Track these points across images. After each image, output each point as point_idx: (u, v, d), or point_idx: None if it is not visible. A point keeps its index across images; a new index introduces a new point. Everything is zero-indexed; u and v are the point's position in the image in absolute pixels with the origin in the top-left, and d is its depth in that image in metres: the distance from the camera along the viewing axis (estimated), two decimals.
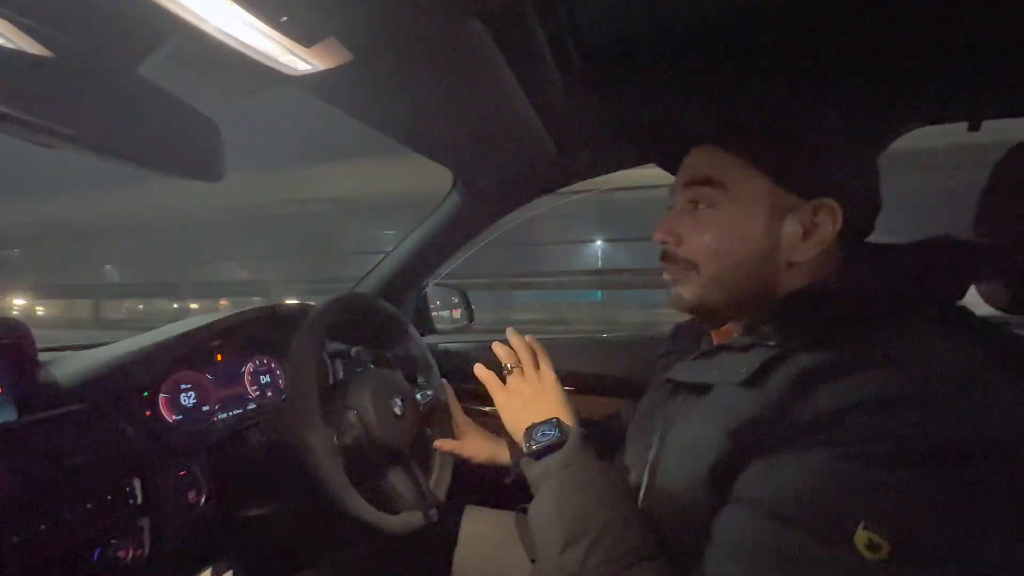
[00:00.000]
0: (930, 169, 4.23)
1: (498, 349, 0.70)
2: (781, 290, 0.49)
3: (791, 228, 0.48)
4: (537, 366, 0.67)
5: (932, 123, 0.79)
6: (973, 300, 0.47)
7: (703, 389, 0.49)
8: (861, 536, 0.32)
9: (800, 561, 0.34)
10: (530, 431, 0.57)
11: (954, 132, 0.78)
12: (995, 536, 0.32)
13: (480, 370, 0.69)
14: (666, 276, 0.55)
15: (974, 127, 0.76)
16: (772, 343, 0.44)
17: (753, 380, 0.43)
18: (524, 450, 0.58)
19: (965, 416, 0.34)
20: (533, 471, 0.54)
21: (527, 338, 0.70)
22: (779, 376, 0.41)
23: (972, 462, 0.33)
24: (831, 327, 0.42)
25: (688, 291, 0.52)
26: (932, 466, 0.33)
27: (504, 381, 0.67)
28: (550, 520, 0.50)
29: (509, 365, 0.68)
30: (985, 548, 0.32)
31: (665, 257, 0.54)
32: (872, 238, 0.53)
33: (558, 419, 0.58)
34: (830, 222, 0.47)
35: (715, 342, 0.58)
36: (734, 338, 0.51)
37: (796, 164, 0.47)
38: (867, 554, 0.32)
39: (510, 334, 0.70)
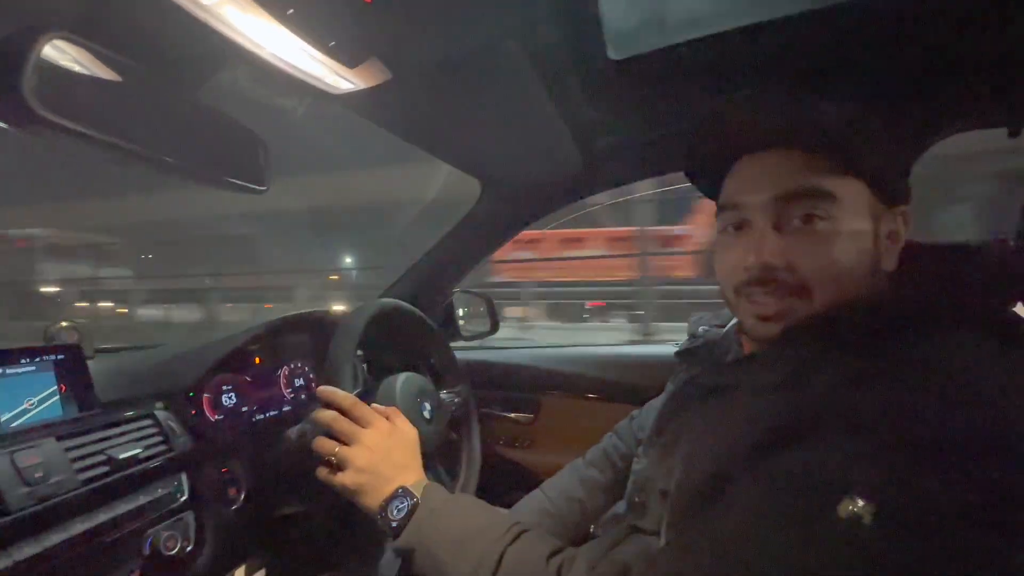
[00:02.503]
0: None
1: (322, 416, 0.62)
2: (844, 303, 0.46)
3: (884, 236, 0.46)
4: (364, 421, 0.62)
5: (970, 129, 0.78)
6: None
7: (730, 393, 0.49)
8: (846, 503, 0.33)
9: (785, 520, 0.36)
10: (384, 511, 0.55)
11: None
12: (983, 533, 0.32)
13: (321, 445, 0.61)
14: (769, 310, 0.47)
15: (1014, 133, 0.74)
16: (806, 351, 0.43)
17: (783, 386, 0.43)
18: (388, 532, 0.55)
19: (993, 419, 0.34)
20: (408, 539, 0.52)
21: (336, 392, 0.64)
22: (812, 384, 0.41)
23: (989, 462, 0.33)
24: (869, 336, 0.42)
25: (791, 322, 0.46)
26: (941, 457, 0.34)
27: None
28: (451, 562, 0.50)
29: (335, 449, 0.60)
30: (974, 542, 0.32)
31: (761, 283, 0.46)
32: None
33: (403, 487, 0.56)
34: (905, 229, 0.46)
35: (747, 348, 0.58)
36: (769, 348, 0.49)
37: (888, 169, 0.46)
38: (850, 519, 0.33)
39: (322, 392, 0.64)
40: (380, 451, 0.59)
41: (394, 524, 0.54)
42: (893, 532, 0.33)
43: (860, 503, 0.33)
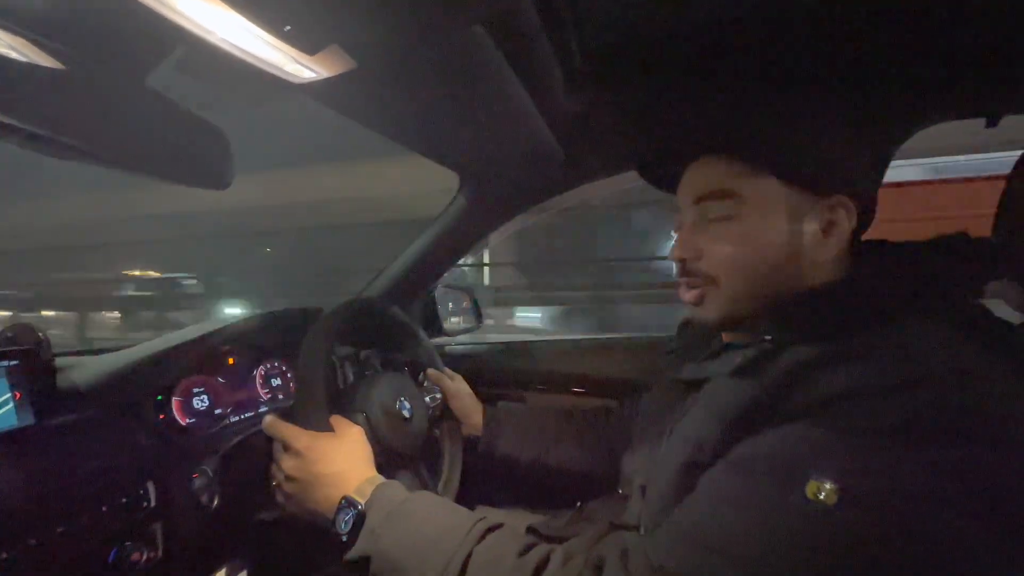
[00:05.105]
0: None
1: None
2: (799, 293, 0.48)
3: (810, 228, 0.47)
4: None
5: (949, 119, 0.77)
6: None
7: (701, 383, 0.50)
8: (812, 485, 0.35)
9: (753, 502, 0.37)
10: (335, 523, 0.54)
11: None
12: (951, 515, 0.33)
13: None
14: (687, 296, 0.54)
15: (992, 123, 0.74)
16: (768, 337, 0.45)
17: (745, 370, 0.44)
18: (341, 541, 0.53)
19: (950, 404, 0.35)
20: (364, 548, 0.50)
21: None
22: (773, 367, 0.42)
23: (943, 445, 0.34)
24: (830, 323, 0.43)
25: (712, 309, 0.51)
26: (898, 440, 0.34)
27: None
28: (413, 568, 0.47)
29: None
30: (936, 522, 0.33)
31: (684, 273, 0.53)
32: None
33: (345, 497, 0.54)
34: (846, 218, 0.47)
35: (725, 341, 0.59)
36: (739, 338, 0.52)
37: (806, 162, 0.47)
38: (815, 500, 0.34)
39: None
40: (304, 474, 0.58)
41: (344, 538, 0.52)
42: (857, 512, 0.33)
43: (827, 484, 0.34)
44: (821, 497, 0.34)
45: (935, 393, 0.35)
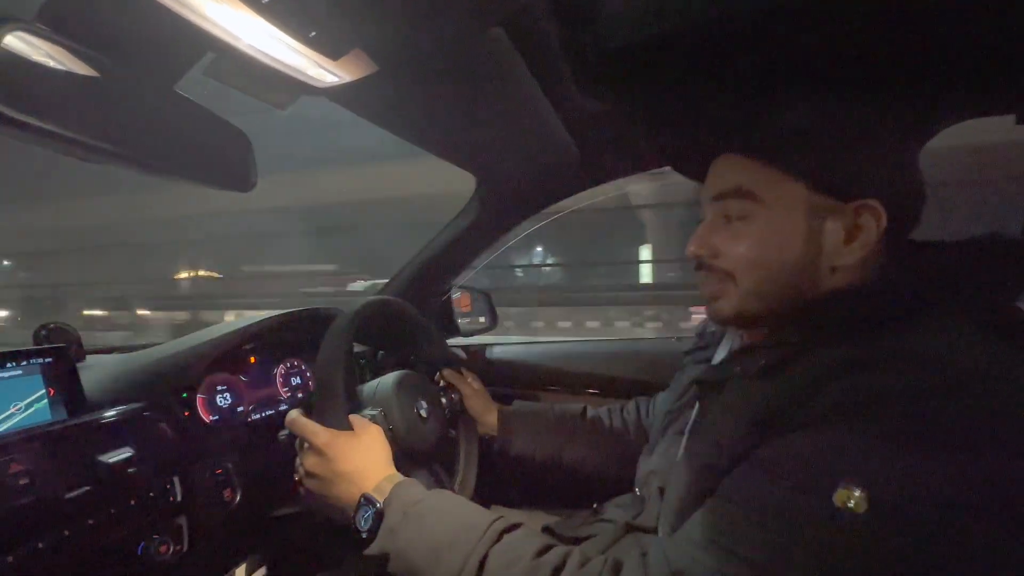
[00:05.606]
0: None
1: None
2: (824, 294, 0.47)
3: (832, 232, 0.46)
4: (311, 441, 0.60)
5: (975, 116, 0.75)
6: None
7: (723, 384, 0.49)
8: (841, 493, 0.34)
9: (779, 509, 0.36)
10: (354, 520, 0.54)
11: None
12: (982, 522, 0.32)
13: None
14: (703, 290, 0.53)
15: (1023, 120, 0.72)
16: (794, 340, 0.44)
17: (769, 372, 0.43)
18: (361, 538, 0.53)
19: (981, 409, 0.34)
20: (383, 546, 0.50)
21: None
22: (799, 369, 0.41)
23: (974, 453, 0.33)
24: (856, 325, 0.42)
25: (727, 304, 0.50)
26: (929, 447, 0.34)
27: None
28: (428, 569, 0.47)
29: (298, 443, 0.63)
30: (965, 530, 0.32)
31: (700, 268, 0.52)
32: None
33: (364, 495, 0.55)
34: (874, 223, 0.45)
35: (747, 342, 0.58)
36: (762, 338, 0.50)
37: (831, 166, 0.45)
38: (844, 508, 0.34)
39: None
40: (325, 470, 0.58)
41: (364, 535, 0.52)
42: (888, 520, 0.33)
43: (856, 492, 0.33)
44: (850, 505, 0.33)
45: (966, 398, 0.34)
